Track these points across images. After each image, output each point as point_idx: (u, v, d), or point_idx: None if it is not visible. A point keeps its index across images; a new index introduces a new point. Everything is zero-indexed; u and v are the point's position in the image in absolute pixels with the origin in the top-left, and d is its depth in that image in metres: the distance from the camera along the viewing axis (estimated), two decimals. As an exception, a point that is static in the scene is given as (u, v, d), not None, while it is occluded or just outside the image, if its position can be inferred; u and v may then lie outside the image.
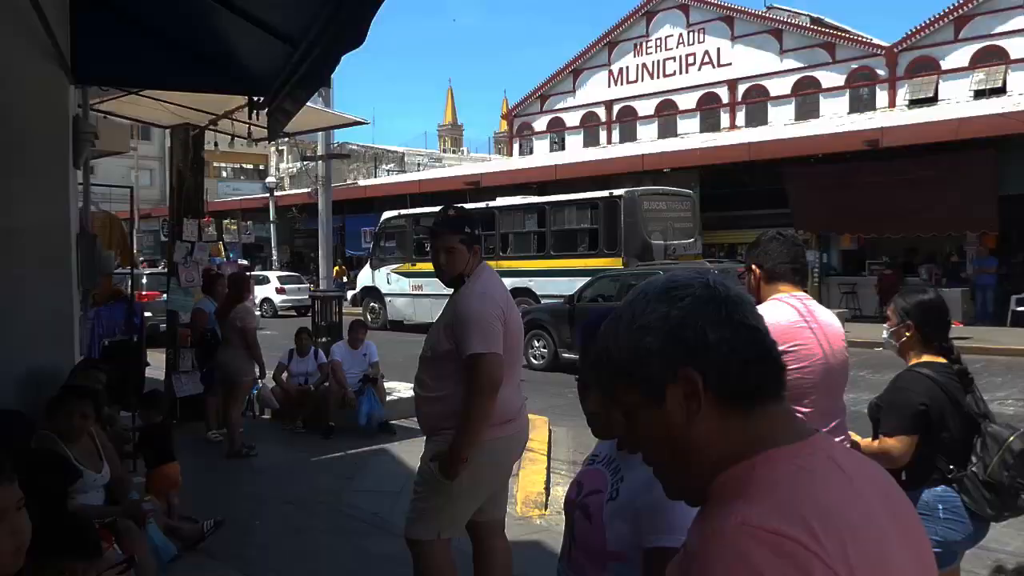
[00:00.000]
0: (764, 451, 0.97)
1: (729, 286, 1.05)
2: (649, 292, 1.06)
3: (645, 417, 1.03)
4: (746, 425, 1.00)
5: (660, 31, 33.40)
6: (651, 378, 1.01)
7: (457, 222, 3.51)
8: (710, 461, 1.00)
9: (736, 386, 1.00)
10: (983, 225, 18.24)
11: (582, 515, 1.75)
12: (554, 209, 17.76)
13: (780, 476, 0.95)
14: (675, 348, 1.00)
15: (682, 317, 1.01)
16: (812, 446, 0.99)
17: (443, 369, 3.40)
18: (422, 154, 50.19)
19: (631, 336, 1.03)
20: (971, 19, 25.66)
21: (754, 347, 1.01)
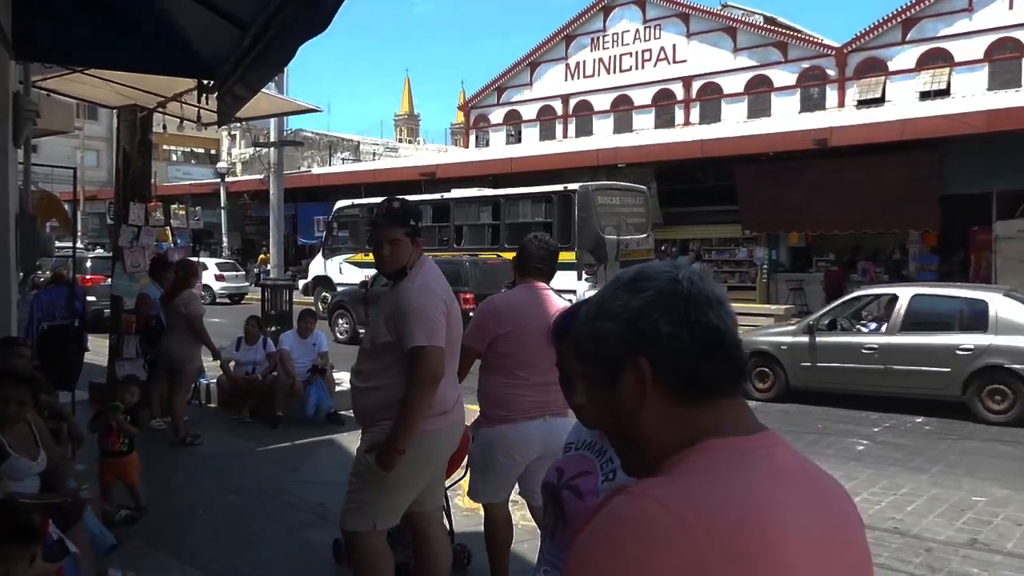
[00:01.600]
0: (703, 441, 1.01)
1: (697, 283, 1.07)
2: (620, 281, 1.11)
3: (603, 396, 1.09)
4: (693, 416, 1.03)
5: (617, 26, 33.57)
6: (607, 361, 1.06)
7: (401, 214, 3.49)
8: (656, 445, 1.04)
9: (685, 379, 1.03)
10: (925, 224, 18.73)
11: (573, 495, 1.80)
12: (509, 202, 17.78)
13: (704, 463, 0.98)
14: (630, 336, 1.04)
15: (640, 307, 1.05)
16: (750, 443, 1.02)
17: (382, 361, 3.39)
18: (378, 143, 49.80)
19: (595, 320, 1.09)
20: (918, 22, 26.27)
21: (709, 345, 1.04)
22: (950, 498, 6.13)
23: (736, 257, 23.07)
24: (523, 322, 3.72)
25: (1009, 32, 24.74)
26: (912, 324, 9.39)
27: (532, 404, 3.75)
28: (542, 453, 3.73)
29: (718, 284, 1.10)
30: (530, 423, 3.76)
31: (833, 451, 7.75)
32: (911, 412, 9.27)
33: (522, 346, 3.71)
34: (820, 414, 9.46)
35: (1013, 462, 7.23)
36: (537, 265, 3.91)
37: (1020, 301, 9.17)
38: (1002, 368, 8.65)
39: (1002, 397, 8.70)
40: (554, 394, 3.52)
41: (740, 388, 1.08)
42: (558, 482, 1.83)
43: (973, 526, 5.53)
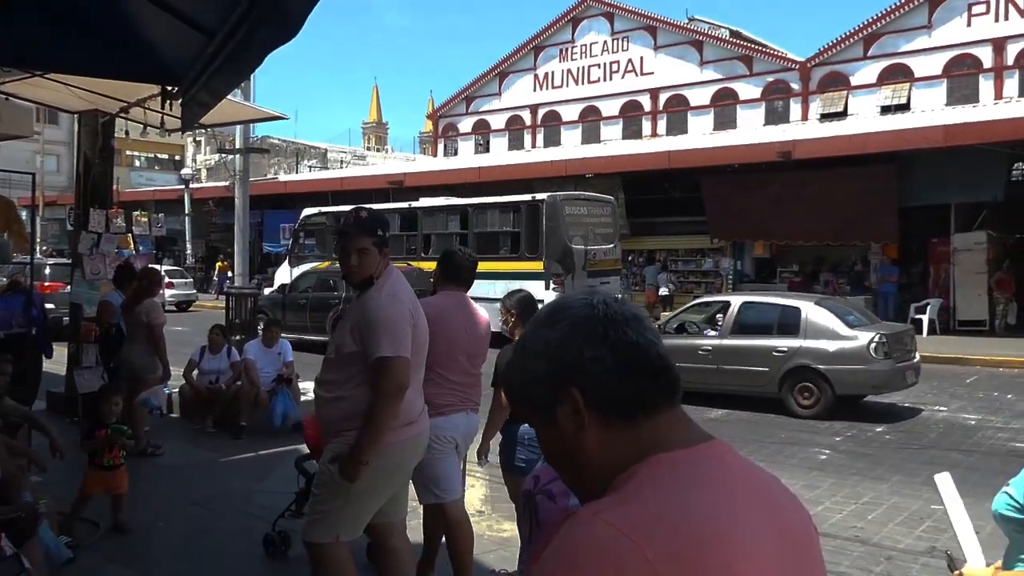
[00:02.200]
0: (650, 457, 1.02)
1: (612, 305, 1.09)
2: (537, 320, 1.13)
3: (547, 434, 1.10)
4: (633, 434, 1.04)
5: (585, 38, 33.80)
6: (542, 401, 1.07)
7: (369, 224, 3.48)
8: (602, 468, 1.04)
9: (614, 400, 1.04)
10: (885, 235, 19.07)
11: (546, 499, 1.82)
12: (477, 211, 17.78)
13: (652, 479, 0.99)
14: (557, 370, 1.05)
15: (560, 340, 1.06)
16: (697, 454, 1.03)
17: (347, 371, 3.38)
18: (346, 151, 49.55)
19: (523, 363, 1.10)
20: (879, 38, 26.79)
21: (632, 362, 1.05)
22: (910, 507, 6.22)
23: (702, 267, 23.31)
24: (443, 326, 3.98)
25: (967, 49, 25.33)
26: (740, 328, 10.41)
27: (455, 399, 4.14)
28: (461, 441, 4.20)
29: (635, 305, 1.13)
30: (456, 415, 4.14)
31: (796, 460, 7.83)
32: (871, 421, 9.40)
33: (443, 348, 3.99)
34: (784, 424, 9.56)
35: (970, 471, 7.36)
36: (459, 275, 4.30)
37: (828, 308, 10.20)
38: (809, 368, 9.64)
39: (809, 393, 9.70)
40: (471, 392, 4.24)
41: (675, 400, 1.08)
42: (534, 489, 1.86)
43: (932, 534, 5.61)
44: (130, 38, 5.05)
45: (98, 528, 5.18)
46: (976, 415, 9.85)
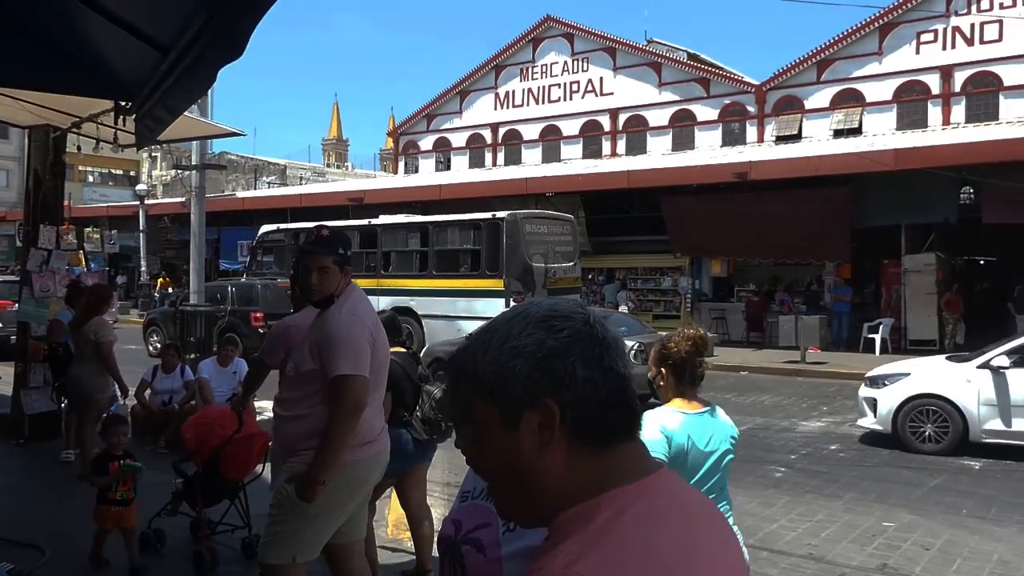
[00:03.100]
0: (609, 490, 0.99)
1: (607, 326, 1.05)
2: (530, 315, 1.05)
3: (497, 438, 1.02)
4: (595, 464, 1.01)
5: (546, 58, 34.09)
6: (512, 402, 1.01)
7: (331, 242, 3.47)
8: (555, 494, 1.00)
9: (591, 426, 1.00)
10: (839, 255, 19.47)
11: (474, 550, 1.70)
12: (437, 229, 17.75)
13: (617, 522, 0.96)
14: (541, 378, 1.00)
15: (556, 349, 1.01)
16: (653, 486, 1.01)
17: (306, 389, 3.35)
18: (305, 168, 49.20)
19: (501, 355, 1.02)
20: (832, 63, 27.42)
21: (617, 393, 1.02)
22: (862, 524, 6.31)
23: (661, 286, 23.52)
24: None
25: (916, 76, 26.04)
26: None
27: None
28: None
29: (616, 330, 1.09)
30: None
31: (752, 478, 7.90)
32: (825, 440, 9.54)
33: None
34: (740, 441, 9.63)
35: (920, 489, 7.50)
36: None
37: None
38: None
39: None
40: None
41: (637, 432, 1.06)
42: (456, 536, 1.75)
43: (884, 551, 5.70)
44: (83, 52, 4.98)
45: (43, 554, 5.02)
46: (926, 433, 10.02)
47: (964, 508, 6.82)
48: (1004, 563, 5.46)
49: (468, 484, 1.82)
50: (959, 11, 25.17)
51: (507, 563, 1.62)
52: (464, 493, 1.82)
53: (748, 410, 11.63)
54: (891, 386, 9.38)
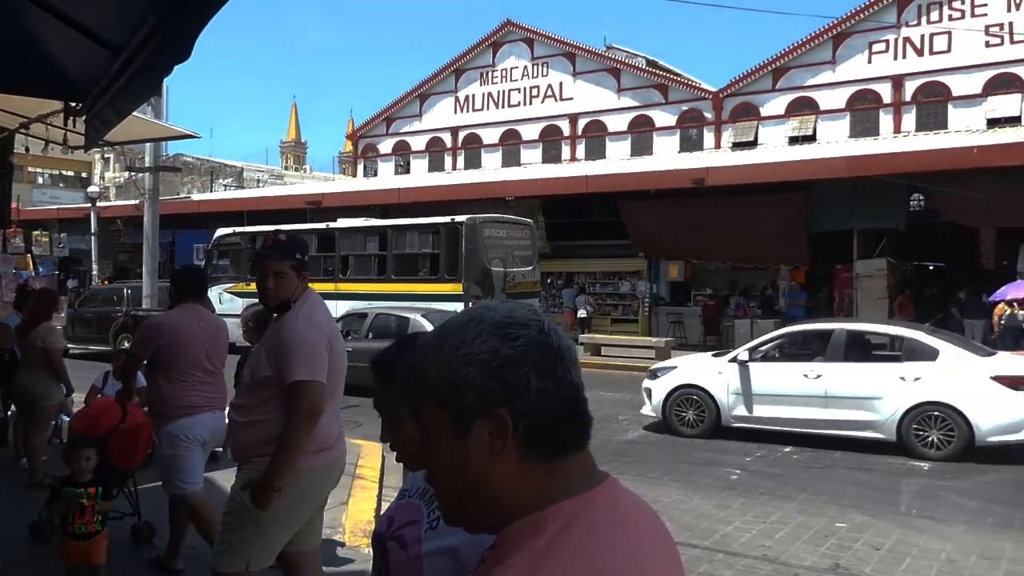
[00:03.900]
0: (558, 503, 0.98)
1: (561, 335, 1.04)
2: (485, 322, 1.02)
3: (446, 444, 1.01)
4: (544, 475, 1.00)
5: (506, 62, 34.17)
6: (463, 409, 0.99)
7: (287, 247, 3.44)
8: (503, 504, 1.00)
9: (543, 437, 0.99)
10: (795, 260, 19.81)
11: (397, 546, 1.71)
12: (396, 232, 17.67)
13: (564, 537, 0.95)
14: (495, 387, 0.98)
15: (511, 357, 0.99)
16: (598, 498, 1.01)
17: (262, 395, 3.32)
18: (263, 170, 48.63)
19: (454, 362, 1.00)
20: (787, 71, 27.91)
21: (569, 403, 1.01)
22: (815, 525, 6.42)
23: (620, 290, 23.70)
24: (183, 335, 4.56)
25: (868, 85, 26.61)
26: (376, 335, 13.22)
27: (200, 400, 4.59)
28: (208, 439, 4.71)
29: (569, 338, 1.07)
30: (202, 414, 4.59)
31: (708, 480, 7.99)
32: (779, 442, 9.68)
33: (183, 354, 4.55)
34: (698, 444, 9.75)
35: (871, 490, 7.65)
36: (191, 290, 4.82)
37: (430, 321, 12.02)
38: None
39: None
40: (216, 393, 4.72)
41: (587, 443, 1.05)
42: (386, 532, 1.76)
43: (836, 551, 5.80)
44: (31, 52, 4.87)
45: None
46: (877, 434, 10.22)
47: (913, 508, 6.97)
48: (951, 562, 5.59)
49: (407, 483, 1.84)
50: (909, 22, 25.80)
51: (427, 560, 1.63)
52: (402, 492, 1.85)
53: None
54: (662, 377, 10.59)
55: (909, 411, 8.97)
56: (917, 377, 9.05)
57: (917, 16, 25.67)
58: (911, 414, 8.97)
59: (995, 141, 17.52)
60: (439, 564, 1.61)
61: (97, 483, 4.44)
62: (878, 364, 9.62)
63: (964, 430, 8.71)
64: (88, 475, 4.43)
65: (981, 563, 5.57)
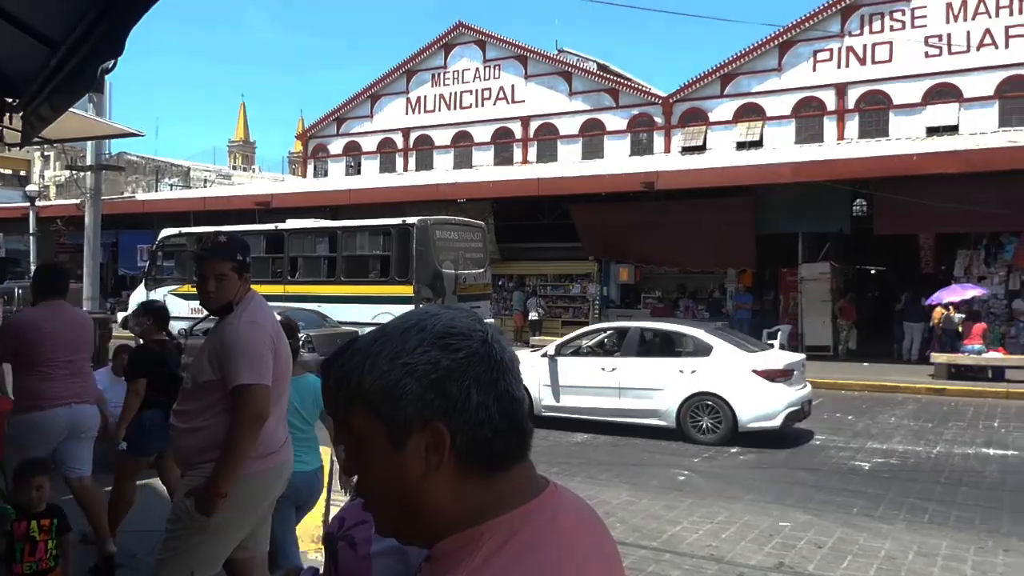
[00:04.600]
0: (495, 518, 0.96)
1: (504, 346, 1.01)
2: (426, 331, 0.98)
3: (380, 454, 0.98)
4: (483, 489, 0.98)
5: (458, 64, 34.12)
6: (399, 421, 0.96)
7: (228, 248, 3.38)
8: (437, 518, 0.97)
9: (482, 452, 0.97)
10: (742, 263, 20.14)
11: (347, 545, 1.71)
12: (346, 234, 17.53)
13: (501, 555, 0.94)
14: (434, 399, 0.95)
15: (451, 370, 0.96)
16: (536, 510, 0.99)
17: (204, 400, 3.26)
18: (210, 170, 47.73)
19: (391, 371, 0.96)
20: (734, 78, 28.37)
21: (510, 417, 0.98)
22: (760, 524, 6.52)
23: (570, 293, 23.82)
24: (44, 330, 4.70)
25: (813, 92, 27.19)
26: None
27: (58, 393, 4.71)
28: (68, 434, 4.83)
29: (512, 347, 1.04)
30: (57, 409, 4.71)
31: (657, 482, 8.07)
32: (726, 443, 9.83)
33: (44, 349, 4.66)
34: (646, 446, 9.85)
35: (815, 490, 7.81)
36: (52, 287, 4.93)
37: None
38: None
39: None
40: (77, 387, 4.87)
41: (528, 454, 1.03)
42: (337, 532, 1.76)
43: (780, 550, 5.91)
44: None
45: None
46: (821, 435, 10.46)
47: (855, 507, 7.13)
48: (890, 559, 5.73)
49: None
50: (852, 32, 26.43)
51: (375, 560, 1.63)
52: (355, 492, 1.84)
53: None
54: None
55: (686, 400, 10.01)
56: (694, 370, 10.06)
57: (860, 26, 26.32)
58: (687, 403, 10.01)
59: (934, 149, 18.03)
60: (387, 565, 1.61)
61: (52, 514, 3.97)
62: (663, 359, 10.49)
63: (729, 417, 9.79)
64: (42, 505, 3.95)
65: (918, 559, 5.72)
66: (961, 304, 16.10)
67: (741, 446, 9.72)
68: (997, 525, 6.62)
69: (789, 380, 9.97)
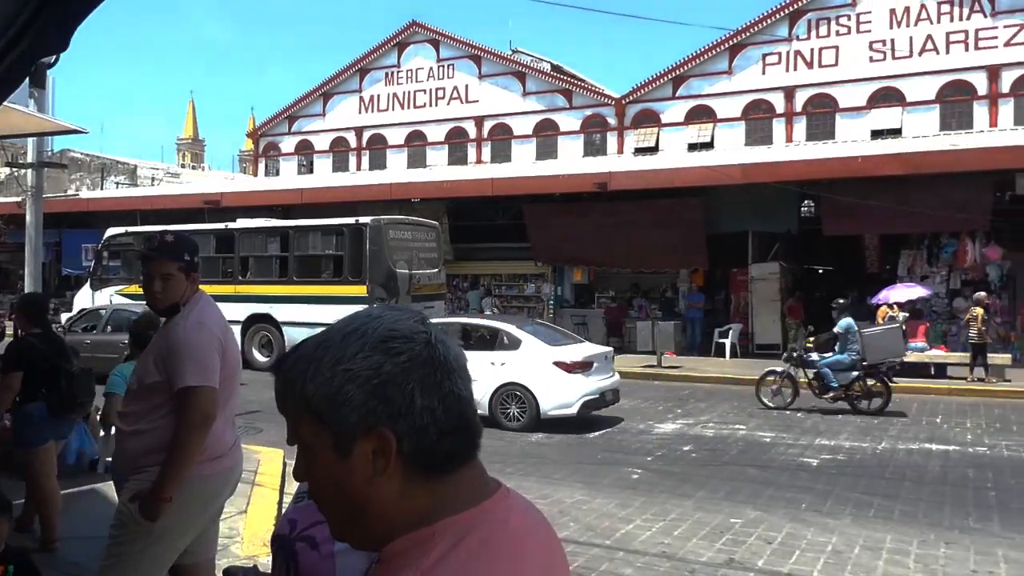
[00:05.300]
0: (445, 519, 0.96)
1: (450, 347, 1.00)
2: (367, 335, 0.97)
3: (327, 461, 0.97)
4: (431, 491, 0.97)
5: (411, 63, 33.97)
6: (344, 428, 0.95)
7: (175, 248, 3.32)
8: (388, 521, 0.97)
9: (428, 454, 0.96)
10: (694, 263, 20.38)
11: (308, 546, 1.70)
12: (298, 233, 17.32)
13: (451, 558, 0.94)
14: (377, 405, 0.94)
15: (394, 375, 0.95)
16: (486, 512, 0.99)
17: (150, 402, 3.20)
18: (158, 168, 46.79)
19: (333, 378, 0.95)
20: (686, 80, 28.73)
21: (456, 418, 0.98)
22: (711, 521, 6.61)
23: (525, 292, 23.87)
24: None
25: (762, 95, 27.67)
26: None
27: None
28: None
29: (458, 345, 1.04)
30: None
31: (611, 480, 8.13)
32: (679, 442, 9.94)
33: None
34: (600, 444, 9.92)
35: (764, 486, 7.94)
36: None
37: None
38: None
39: None
40: None
41: (476, 454, 1.03)
42: (290, 534, 1.74)
43: (731, 546, 5.99)
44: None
45: None
46: (771, 433, 10.65)
47: (803, 503, 7.27)
48: (837, 553, 5.86)
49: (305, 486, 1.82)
50: (800, 36, 26.96)
51: (339, 559, 1.63)
52: (300, 494, 1.82)
53: (607, 413, 11.96)
54: None
55: (496, 390, 10.76)
56: (504, 363, 10.84)
57: (807, 31, 26.84)
58: (497, 393, 10.78)
59: (877, 152, 18.46)
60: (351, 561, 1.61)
61: (8, 559, 3.48)
62: (480, 352, 10.92)
63: (533, 405, 10.62)
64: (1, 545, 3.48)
65: (864, 553, 5.85)
66: (905, 304, 16.51)
67: (693, 444, 9.84)
68: (939, 519, 6.81)
69: (588, 371, 10.82)
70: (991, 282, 17.49)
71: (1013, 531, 6.42)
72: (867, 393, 11.98)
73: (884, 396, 11.92)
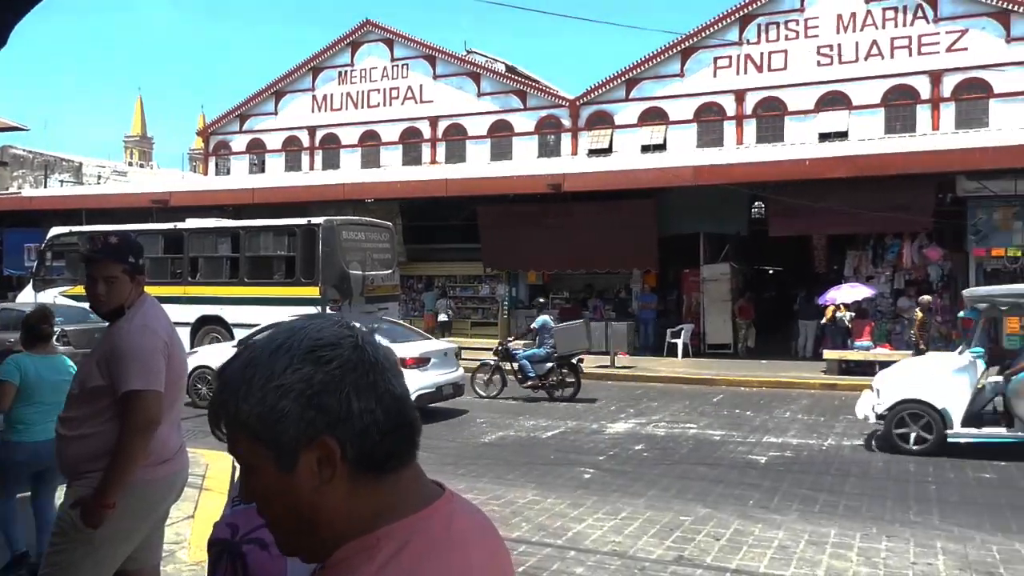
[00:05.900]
0: (390, 523, 0.97)
1: (378, 347, 1.01)
2: (293, 348, 0.96)
3: (271, 478, 0.97)
4: (375, 494, 0.98)
5: (364, 62, 33.71)
6: (285, 444, 0.95)
7: (119, 250, 3.26)
8: (335, 530, 0.97)
9: (371, 456, 0.97)
10: (646, 264, 20.60)
11: (257, 548, 1.70)
12: (249, 234, 17.09)
13: (395, 563, 0.94)
14: (315, 416, 0.94)
15: (327, 383, 0.95)
16: (431, 516, 1.00)
17: (92, 407, 3.15)
18: (105, 166, 45.72)
19: (266, 396, 0.95)
20: (639, 82, 28.97)
21: (394, 417, 0.98)
22: (662, 519, 6.70)
23: (480, 294, 23.89)
24: None
25: (713, 97, 28.00)
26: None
27: None
28: None
29: (387, 347, 1.04)
30: None
31: (563, 480, 8.18)
32: (632, 441, 10.04)
33: None
34: (553, 445, 9.97)
35: (714, 484, 8.07)
36: None
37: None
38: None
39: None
40: None
41: (415, 454, 1.04)
42: (233, 538, 1.74)
43: (680, 544, 6.08)
44: None
45: None
46: (721, 431, 10.82)
47: (751, 500, 7.40)
48: (783, 548, 5.98)
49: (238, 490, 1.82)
50: (750, 40, 27.36)
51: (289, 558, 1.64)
52: (235, 499, 1.81)
53: (560, 414, 12.04)
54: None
55: None
56: None
57: (757, 35, 27.26)
58: None
59: (824, 154, 18.86)
60: None
61: None
62: None
63: None
64: None
65: (809, 547, 5.98)
66: (852, 303, 16.88)
67: (645, 444, 9.94)
68: (881, 513, 6.99)
69: (424, 367, 11.30)
70: (932, 282, 17.97)
71: (952, 523, 6.63)
72: (560, 383, 13.28)
73: (575, 386, 13.27)
